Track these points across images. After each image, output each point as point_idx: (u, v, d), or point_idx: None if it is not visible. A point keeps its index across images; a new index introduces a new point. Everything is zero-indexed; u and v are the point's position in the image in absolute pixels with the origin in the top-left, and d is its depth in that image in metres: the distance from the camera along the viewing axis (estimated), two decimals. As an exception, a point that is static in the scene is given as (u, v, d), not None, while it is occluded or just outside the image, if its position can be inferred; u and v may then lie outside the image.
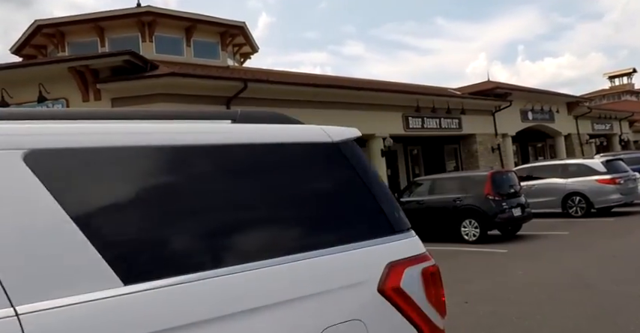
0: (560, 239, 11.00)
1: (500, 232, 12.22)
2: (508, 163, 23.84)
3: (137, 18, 18.77)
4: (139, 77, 13.17)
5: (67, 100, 13.75)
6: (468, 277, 7.83)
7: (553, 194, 14.72)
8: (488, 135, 23.43)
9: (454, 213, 11.45)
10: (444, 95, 21.42)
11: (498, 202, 11.13)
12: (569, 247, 9.84)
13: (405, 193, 12.85)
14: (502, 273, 7.92)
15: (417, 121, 20.39)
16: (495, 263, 8.78)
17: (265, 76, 18.58)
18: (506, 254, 9.60)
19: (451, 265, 8.89)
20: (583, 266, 7.83)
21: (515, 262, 8.72)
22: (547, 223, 13.80)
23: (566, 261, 8.41)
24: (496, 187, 11.31)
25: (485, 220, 11.04)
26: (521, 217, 11.50)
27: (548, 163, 16.12)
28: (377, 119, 18.87)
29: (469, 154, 23.14)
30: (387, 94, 19.08)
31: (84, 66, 13.32)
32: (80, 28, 19.03)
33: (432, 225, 11.96)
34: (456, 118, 21.85)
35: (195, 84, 14.11)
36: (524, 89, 25.43)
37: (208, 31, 20.51)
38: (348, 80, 21.20)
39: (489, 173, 11.47)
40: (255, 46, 24.22)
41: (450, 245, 11.11)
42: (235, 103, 14.88)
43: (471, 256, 9.69)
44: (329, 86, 17.21)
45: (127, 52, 13.54)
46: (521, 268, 8.08)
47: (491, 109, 23.65)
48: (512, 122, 24.61)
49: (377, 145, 19.12)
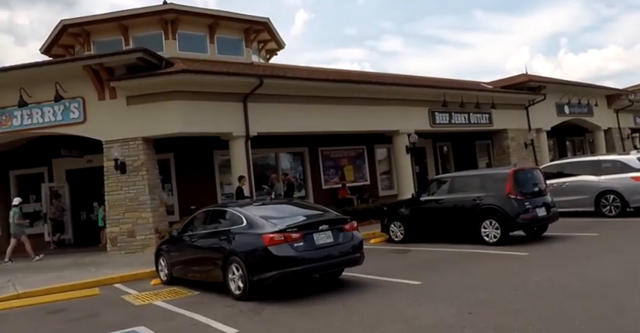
0: (588, 241, 10.28)
1: (525, 233, 11.56)
2: (543, 159, 22.81)
3: (160, 16, 18.69)
4: (152, 74, 13.05)
5: (83, 98, 13.79)
6: (478, 283, 7.30)
7: (585, 192, 13.87)
8: (520, 130, 22.48)
9: (474, 213, 10.85)
10: (473, 89, 20.64)
11: (521, 202, 10.47)
12: (596, 250, 9.14)
13: (424, 192, 12.30)
14: (516, 279, 7.34)
15: (444, 116, 19.71)
16: (511, 268, 8.19)
17: (285, 71, 18.28)
18: (525, 258, 8.98)
19: (463, 269, 8.39)
20: (608, 274, 7.17)
21: (534, 267, 8.12)
22: (578, 223, 13.00)
23: (590, 267, 7.76)
24: (519, 186, 10.65)
25: (506, 220, 10.40)
26: (546, 217, 10.80)
27: (580, 160, 15.22)
28: (401, 115, 18.32)
29: (500, 150, 22.25)
30: (411, 88, 18.49)
31: (98, 64, 13.29)
32: (104, 27, 19.10)
33: (451, 225, 11.42)
34: (486, 112, 21.03)
35: (210, 81, 13.92)
36: (559, 82, 24.31)
37: (232, 27, 20.30)
38: (371, 75, 20.67)
39: (511, 171, 10.81)
40: (281, 42, 23.91)
41: (468, 247, 10.54)
42: (252, 99, 14.63)
43: (487, 260, 9.12)
44: (348, 81, 16.75)
45: (141, 49, 13.44)
46: (539, 275, 7.48)
47: (524, 103, 22.68)
48: (547, 116, 23.56)
49: (401, 141, 18.55)
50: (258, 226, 7.41)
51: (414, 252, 10.91)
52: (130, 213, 13.48)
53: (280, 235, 7.08)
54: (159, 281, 9.89)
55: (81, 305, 8.44)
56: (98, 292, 9.47)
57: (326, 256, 7.31)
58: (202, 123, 13.86)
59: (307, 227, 7.33)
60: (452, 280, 7.62)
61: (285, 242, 7.06)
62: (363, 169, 21.40)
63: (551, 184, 14.57)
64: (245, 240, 7.43)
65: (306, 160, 19.82)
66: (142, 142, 13.64)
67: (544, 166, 15.90)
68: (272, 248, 7.01)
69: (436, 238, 11.87)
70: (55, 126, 13.97)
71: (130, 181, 13.58)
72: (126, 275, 10.60)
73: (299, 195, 19.67)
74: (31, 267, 12.74)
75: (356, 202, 19.40)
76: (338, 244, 7.50)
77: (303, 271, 7.15)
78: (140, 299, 8.48)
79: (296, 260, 7.05)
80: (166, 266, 9.61)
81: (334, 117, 16.55)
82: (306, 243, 7.20)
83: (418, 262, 9.63)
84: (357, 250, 7.75)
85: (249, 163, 14.71)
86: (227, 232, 7.88)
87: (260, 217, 7.58)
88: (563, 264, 8.15)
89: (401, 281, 7.82)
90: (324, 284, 8.16)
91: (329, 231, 7.46)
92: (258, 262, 7.18)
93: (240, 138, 14.56)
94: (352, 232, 7.77)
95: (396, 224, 12.49)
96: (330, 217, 7.86)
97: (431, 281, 7.67)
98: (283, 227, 7.16)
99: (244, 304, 7.29)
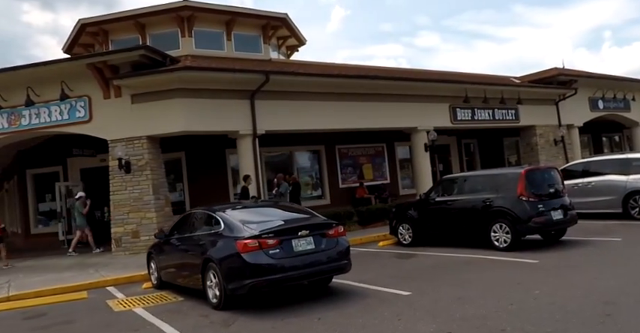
0: (608, 247, 9.42)
1: (542, 237, 10.76)
2: (574, 157, 21.56)
3: (175, 13, 18.53)
4: (154, 72, 12.79)
5: (89, 97, 13.67)
6: (472, 295, 6.65)
7: (612, 193, 12.89)
8: (550, 126, 21.34)
9: (483, 216, 10.13)
10: (497, 84, 19.65)
11: (533, 204, 9.69)
12: (614, 259, 8.31)
13: (433, 192, 11.62)
14: (515, 291, 6.66)
15: (466, 112, 18.84)
16: (515, 278, 7.48)
17: (301, 68, 17.79)
18: (534, 266, 8.24)
19: (462, 278, 7.74)
20: (619, 289, 6.38)
21: (540, 277, 7.39)
22: (602, 225, 12.08)
23: (601, 279, 6.99)
24: (531, 187, 9.85)
25: (517, 224, 9.63)
26: (562, 220, 9.96)
27: (607, 158, 14.17)
28: (419, 111, 17.58)
29: (528, 147, 21.18)
30: (429, 83, 17.71)
31: (102, 62, 13.13)
32: (121, 25, 19.08)
33: (460, 229, 10.73)
34: (512, 108, 20.03)
35: (214, 78, 13.57)
36: (592, 75, 22.96)
37: (249, 24, 19.97)
38: (388, 70, 19.95)
39: (523, 171, 10.00)
40: (302, 38, 23.44)
41: (476, 252, 9.83)
42: (260, 96, 14.21)
43: (491, 267, 8.41)
44: (358, 77, 16.11)
45: (143, 46, 13.27)
46: (542, 287, 6.77)
47: (554, 98, 21.52)
48: (579, 112, 22.31)
49: (420, 139, 17.81)
50: (235, 231, 6.96)
51: (418, 257, 10.27)
52: (135, 213, 13.29)
53: (254, 241, 6.61)
54: (150, 285, 9.59)
55: (62, 310, 8.19)
56: (86, 296, 9.23)
57: (306, 264, 6.79)
58: (207, 121, 13.53)
59: (285, 233, 6.83)
60: (445, 291, 6.99)
61: (259, 249, 6.58)
62: (383, 168, 20.75)
63: (576, 183, 13.71)
64: (221, 245, 7.00)
65: (323, 158, 19.32)
66: (146, 141, 13.41)
67: (569, 164, 14.92)
68: (245, 255, 6.55)
69: (445, 242, 11.19)
70: (61, 125, 13.91)
71: (135, 181, 13.38)
72: (120, 278, 10.35)
73: (315, 194, 19.23)
74: (36, 266, 12.72)
75: (374, 202, 18.80)
76: (320, 251, 6.97)
77: (279, 280, 6.64)
78: (122, 305, 8.17)
79: (271, 268, 6.56)
80: (156, 270, 9.30)
81: (348, 114, 15.97)
82: (284, 250, 6.71)
83: (418, 268, 9.00)
84: (342, 258, 7.20)
85: (257, 162, 14.29)
86: (206, 236, 7.48)
87: (238, 221, 7.13)
88: (573, 274, 7.39)
89: (391, 291, 7.24)
90: (311, 292, 7.66)
91: (310, 237, 6.93)
92: (232, 269, 6.73)
93: (248, 136, 14.17)
94: (337, 238, 7.22)
95: (405, 226, 11.86)
96: (313, 221, 7.33)
97: (422, 292, 7.07)
98: (258, 233, 6.69)
99: (219, 314, 6.86)
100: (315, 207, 18.14)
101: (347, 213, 15.55)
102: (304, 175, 19.07)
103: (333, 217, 15.22)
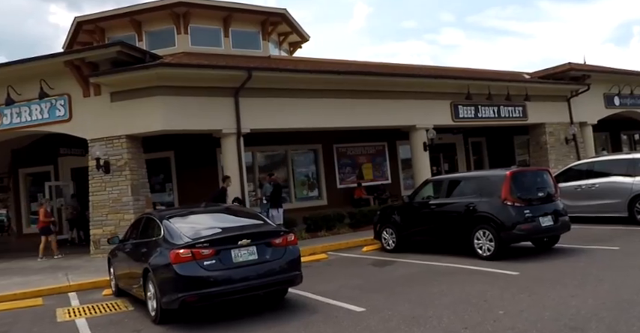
0: (602, 258, 8.58)
1: (534, 245, 9.97)
2: (588, 156, 20.48)
3: (170, 9, 18.13)
4: (129, 69, 12.33)
5: (69, 96, 13.31)
6: (429, 314, 5.96)
7: (617, 196, 11.96)
8: (561, 124, 20.28)
9: (466, 221, 9.37)
10: (501, 80, 18.70)
11: (519, 209, 8.89)
12: (603, 272, 7.48)
13: (417, 195, 10.89)
14: (477, 311, 5.94)
15: (469, 109, 17.98)
16: (484, 293, 6.74)
17: (296, 64, 17.19)
18: (511, 279, 7.49)
19: (426, 292, 7.05)
20: (596, 310, 5.63)
21: (512, 293, 6.65)
22: (603, 231, 11.21)
23: (581, 296, 6.21)
24: (518, 191, 9.06)
25: (501, 231, 8.85)
26: (552, 227, 9.13)
27: (613, 158, 13.18)
28: (418, 109, 16.79)
29: (537, 146, 20.17)
30: (428, 80, 16.88)
31: (79, 60, 12.74)
32: (117, 23, 18.79)
33: (444, 235, 9.99)
34: (520, 105, 19.06)
35: (194, 75, 13.04)
36: (606, 70, 21.74)
37: (247, 20, 19.48)
38: (386, 66, 19.14)
39: (509, 173, 9.20)
40: (304, 34, 22.86)
41: (457, 261, 9.10)
42: (246, 94, 13.65)
43: (463, 280, 7.67)
44: (350, 73, 15.39)
45: (118, 43, 12.81)
46: (510, 305, 6.05)
47: (565, 95, 20.45)
48: (593, 109, 21.17)
49: (419, 137, 17.01)
50: (173, 239, 6.41)
51: (396, 265, 9.55)
52: (113, 214, 12.88)
53: (187, 250, 6.04)
54: (110, 292, 9.13)
55: (5, 319, 7.77)
56: (41, 303, 8.81)
57: (246, 277, 6.19)
58: (188, 120, 13.02)
59: (223, 242, 6.23)
60: (402, 308, 6.30)
61: (192, 260, 6.01)
62: (384, 168, 20.02)
63: (579, 185, 12.85)
64: (158, 254, 6.45)
65: (320, 157, 18.69)
66: (125, 141, 12.97)
67: (573, 164, 13.99)
68: (177, 266, 5.99)
69: (430, 249, 10.47)
70: (42, 124, 13.59)
71: (114, 181, 12.98)
72: (84, 283, 9.94)
73: (312, 195, 18.62)
74: (10, 268, 12.43)
75: (373, 202, 18.10)
76: (264, 262, 6.36)
77: (213, 294, 6.05)
78: (69, 314, 7.72)
79: (205, 281, 5.98)
80: (113, 277, 8.83)
81: (341, 112, 15.28)
82: (220, 260, 6.12)
83: (388, 279, 8.30)
84: (291, 269, 6.57)
85: (242, 162, 13.73)
86: (148, 244, 6.95)
87: (178, 227, 6.57)
88: (549, 291, 6.62)
89: (345, 306, 6.59)
90: (262, 305, 7.06)
91: (252, 246, 6.33)
92: (165, 281, 6.18)
93: (232, 135, 13.62)
94: (286, 248, 6.59)
95: (388, 231, 11.15)
96: (257, 229, 6.71)
97: (377, 308, 6.39)
98: (191, 242, 6.11)
99: (153, 328, 6.36)
100: (312, 208, 17.70)
101: (337, 215, 14.91)
102: (300, 176, 18.49)
103: (322, 220, 14.81)
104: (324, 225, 14.51)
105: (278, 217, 12.60)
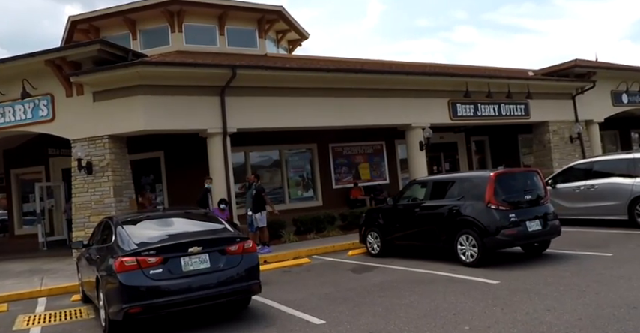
0: (592, 265, 8.05)
1: (523, 250, 9.47)
2: (594, 155, 19.82)
3: (164, 8, 17.85)
4: (109, 68, 12.00)
5: (52, 96, 13.03)
6: (390, 328, 5.53)
7: (617, 198, 11.40)
8: (565, 122, 19.62)
9: (450, 225, 8.90)
10: (501, 77, 18.10)
11: (504, 213, 8.40)
12: (588, 282, 6.96)
13: (401, 198, 10.43)
14: (442, 325, 5.50)
15: (468, 108, 17.40)
16: (456, 305, 6.28)
17: (292, 62, 16.78)
18: (490, 288, 7.01)
19: (395, 303, 6.60)
20: (570, 327, 5.17)
21: (485, 305, 6.18)
22: (599, 235, 10.66)
23: (558, 310, 5.73)
24: (503, 193, 8.57)
25: (484, 236, 8.37)
26: (540, 232, 8.63)
27: (612, 158, 12.56)
28: (413, 107, 16.27)
29: (540, 145, 19.52)
30: (423, 77, 16.37)
31: (60, 59, 12.46)
32: (111, 21, 18.57)
33: (427, 239, 9.52)
34: (522, 103, 18.45)
35: (178, 74, 12.68)
36: (613, 67, 21.01)
37: (243, 17, 19.12)
38: (380, 63, 18.64)
39: (493, 174, 8.70)
40: (303, 31, 22.46)
41: (439, 267, 8.64)
42: (232, 93, 13.27)
43: (438, 289, 7.19)
44: (341, 70, 14.92)
45: (98, 41, 12.52)
46: (479, 320, 5.60)
47: (570, 92, 19.78)
48: (599, 106, 20.45)
49: (415, 137, 16.49)
50: (122, 245, 6.06)
51: (375, 271, 9.11)
52: (95, 216, 12.51)
53: (132, 258, 5.68)
54: (79, 297, 8.82)
55: (-38, 327, 7.49)
56: (6, 309, 8.55)
57: (197, 287, 5.80)
58: (172, 120, 12.67)
59: (171, 249, 5.86)
60: (364, 321, 5.87)
61: (137, 268, 5.64)
62: (382, 167, 19.54)
63: (578, 186, 12.29)
64: (107, 262, 6.10)
65: (315, 157, 18.27)
66: (108, 141, 12.67)
67: (572, 164, 13.41)
68: (121, 275, 5.63)
69: (415, 253, 10.02)
70: (25, 125, 13.34)
71: (96, 183, 12.68)
72: (54, 288, 9.67)
73: (306, 196, 18.21)
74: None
75: (369, 203, 17.66)
76: (218, 271, 5.98)
77: (159, 305, 5.67)
78: (28, 322, 7.44)
79: (150, 291, 5.61)
80: (80, 282, 8.52)
81: (333, 111, 14.83)
82: (169, 269, 5.75)
83: (361, 287, 7.85)
84: (248, 278, 6.18)
85: (227, 162, 13.36)
86: (101, 250, 6.61)
87: (128, 233, 6.21)
88: (525, 303, 6.14)
89: (305, 318, 6.19)
90: (220, 315, 6.69)
91: (205, 254, 5.95)
92: (111, 291, 5.83)
93: (218, 135, 13.25)
94: (242, 255, 6.19)
95: (373, 235, 10.71)
96: (211, 236, 6.32)
97: (339, 321, 5.98)
98: (137, 249, 5.75)
99: (100, 341, 5.99)
100: (307, 209, 17.30)
101: (328, 217, 14.49)
102: (295, 176, 18.09)
103: (311, 222, 14.39)
104: (314, 227, 14.11)
105: (261, 221, 12.19)
